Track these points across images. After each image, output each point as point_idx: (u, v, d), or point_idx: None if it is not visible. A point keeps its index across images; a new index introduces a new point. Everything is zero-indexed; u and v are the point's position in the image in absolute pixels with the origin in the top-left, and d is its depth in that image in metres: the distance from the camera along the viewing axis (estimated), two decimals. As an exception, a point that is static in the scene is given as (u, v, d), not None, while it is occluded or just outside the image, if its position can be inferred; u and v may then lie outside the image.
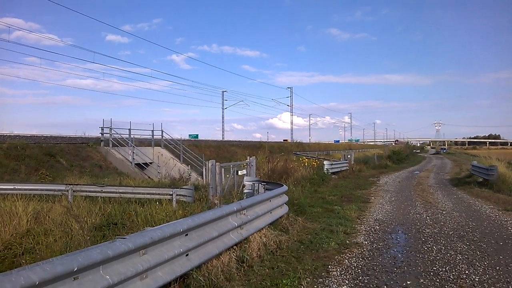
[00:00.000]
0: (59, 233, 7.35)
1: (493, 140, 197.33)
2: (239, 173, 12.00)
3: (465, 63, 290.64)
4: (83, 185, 12.04)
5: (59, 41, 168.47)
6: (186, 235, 4.38)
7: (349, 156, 28.91)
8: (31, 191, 11.53)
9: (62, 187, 11.55)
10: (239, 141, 39.84)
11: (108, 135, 20.55)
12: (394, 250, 7.00)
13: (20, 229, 7.60)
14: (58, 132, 23.00)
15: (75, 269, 2.77)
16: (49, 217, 8.56)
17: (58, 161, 17.48)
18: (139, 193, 10.94)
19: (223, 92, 59.17)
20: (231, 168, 12.31)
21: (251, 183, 9.97)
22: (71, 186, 11.50)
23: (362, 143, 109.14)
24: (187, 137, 37.89)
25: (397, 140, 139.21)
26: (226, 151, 30.19)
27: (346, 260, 6.32)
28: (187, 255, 4.36)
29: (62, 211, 8.91)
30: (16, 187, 11.50)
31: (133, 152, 19.91)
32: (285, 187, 8.83)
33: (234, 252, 5.73)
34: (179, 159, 22.20)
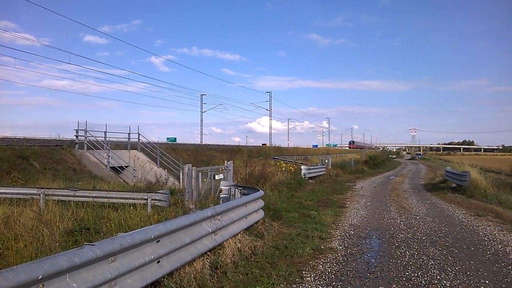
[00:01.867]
0: (29, 238, 7.16)
1: (467, 146, 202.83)
2: (216, 177, 11.91)
3: (441, 70, 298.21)
4: (55, 189, 11.73)
5: (35, 41, 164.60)
6: (158, 241, 4.30)
7: (326, 161, 29.18)
8: (1, 194, 11.18)
9: (34, 191, 11.22)
10: (218, 145, 39.70)
11: (83, 137, 20.13)
12: (367, 255, 7.06)
13: (-11, 234, 7.37)
14: (34, 134, 22.35)
15: (40, 277, 2.68)
16: (19, 221, 8.31)
17: (31, 164, 17.01)
18: (113, 198, 10.72)
19: (202, 95, 58.85)
20: (208, 173, 12.22)
21: (227, 187, 9.90)
22: (43, 190, 11.18)
23: (340, 148, 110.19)
24: (165, 141, 37.50)
25: (353, 142, 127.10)
26: (204, 155, 29.98)
27: (321, 266, 6.34)
28: (158, 262, 4.28)
29: (33, 216, 8.68)
30: (-15, 191, 11.12)
31: (109, 156, 19.55)
32: (261, 192, 8.81)
33: (207, 258, 5.66)
34: (156, 163, 21.92)
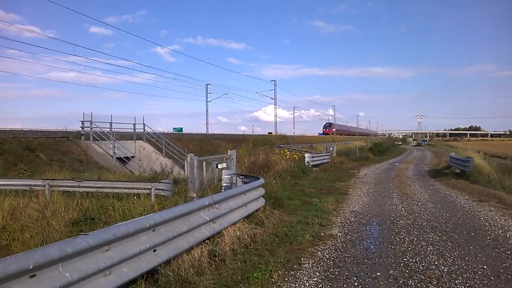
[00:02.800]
0: (35, 229, 7.29)
1: (473, 132, 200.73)
2: (219, 166, 11.99)
3: (447, 55, 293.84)
4: (60, 180, 11.89)
5: (41, 33, 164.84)
6: (154, 230, 4.37)
7: (331, 149, 29.15)
8: (7, 186, 11.36)
9: (39, 182, 11.40)
10: (223, 134, 39.74)
11: (89, 129, 20.29)
12: (367, 242, 7.11)
13: (-4, 225, 7.53)
14: (42, 126, 22.53)
15: (31, 267, 2.75)
16: (25, 212, 8.46)
17: (38, 156, 17.19)
18: (117, 188, 10.85)
19: (207, 85, 58.90)
20: (212, 162, 12.30)
21: (229, 176, 9.98)
22: (48, 181, 11.35)
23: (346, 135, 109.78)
24: (171, 131, 37.62)
25: (329, 124, 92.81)
26: (210, 144, 30.06)
27: (319, 252, 6.39)
28: (154, 250, 4.35)
29: (39, 207, 8.83)
30: (-9, 182, 11.30)
31: (114, 146, 19.70)
32: (261, 180, 8.86)
33: (206, 246, 5.74)
34: (162, 153, 22.05)
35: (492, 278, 5.20)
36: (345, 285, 5.01)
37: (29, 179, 12.17)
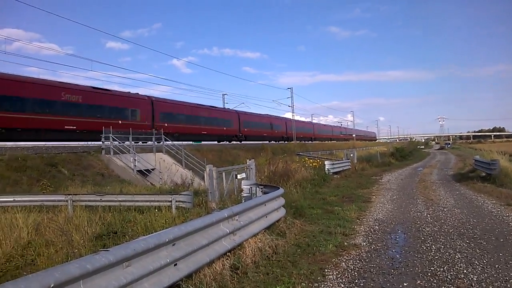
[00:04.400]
0: (59, 244, 7.38)
1: (498, 133, 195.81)
2: (238, 176, 11.95)
3: (466, 56, 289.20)
4: (82, 194, 12.05)
5: (59, 50, 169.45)
6: (173, 244, 4.34)
7: (351, 155, 28.82)
8: (31, 202, 11.55)
9: (62, 198, 11.55)
10: (242, 143, 39.76)
11: (109, 142, 20.60)
12: (392, 251, 6.92)
13: (21, 241, 7.65)
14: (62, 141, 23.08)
15: (52, 286, 2.74)
16: (49, 228, 8.58)
17: (60, 171, 17.51)
18: (138, 201, 10.92)
19: (223, 95, 59.16)
20: (232, 172, 12.28)
21: (248, 187, 9.92)
22: (71, 196, 11.50)
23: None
24: (190, 142, 37.84)
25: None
26: (229, 154, 30.12)
27: (343, 263, 6.25)
28: (175, 265, 4.31)
29: (62, 222, 8.95)
30: (15, 199, 11.52)
31: (135, 159, 19.91)
32: (281, 190, 8.77)
33: (227, 259, 5.67)
34: (182, 164, 22.16)
35: (526, 286, 4.98)
36: (371, 297, 4.87)
37: (52, 195, 12.36)
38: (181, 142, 26.22)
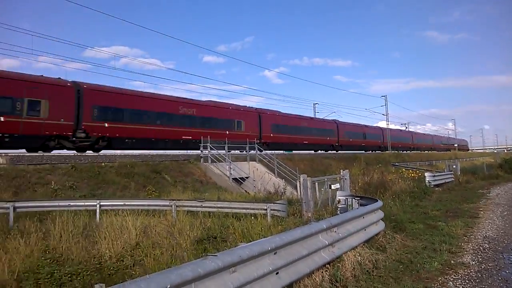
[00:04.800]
0: (164, 246, 7.93)
1: None
2: (332, 187, 11.76)
3: None
4: (184, 200, 12.78)
5: (160, 65, 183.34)
6: (275, 253, 4.41)
7: (454, 166, 26.72)
8: (139, 206, 12.54)
9: (167, 203, 12.37)
10: (334, 153, 39.12)
11: (207, 151, 21.72)
12: (506, 272, 6.27)
13: (130, 242, 8.34)
14: (164, 150, 24.96)
15: (168, 287, 2.95)
16: (155, 231, 9.26)
17: (163, 178, 18.85)
18: (235, 208, 11.30)
19: (314, 104, 58.91)
20: (325, 182, 12.15)
21: (344, 198, 9.71)
22: (174, 201, 12.27)
23: (470, 151, 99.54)
24: (281, 151, 38.27)
25: None
26: (320, 164, 29.82)
27: (451, 282, 5.82)
28: (277, 273, 4.38)
29: (167, 226, 9.61)
30: (126, 203, 12.58)
31: (230, 168, 20.73)
32: (379, 203, 8.43)
33: (326, 271, 5.61)
34: (274, 173, 22.50)
35: None
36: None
37: (158, 200, 13.32)
38: (273, 151, 26.58)
